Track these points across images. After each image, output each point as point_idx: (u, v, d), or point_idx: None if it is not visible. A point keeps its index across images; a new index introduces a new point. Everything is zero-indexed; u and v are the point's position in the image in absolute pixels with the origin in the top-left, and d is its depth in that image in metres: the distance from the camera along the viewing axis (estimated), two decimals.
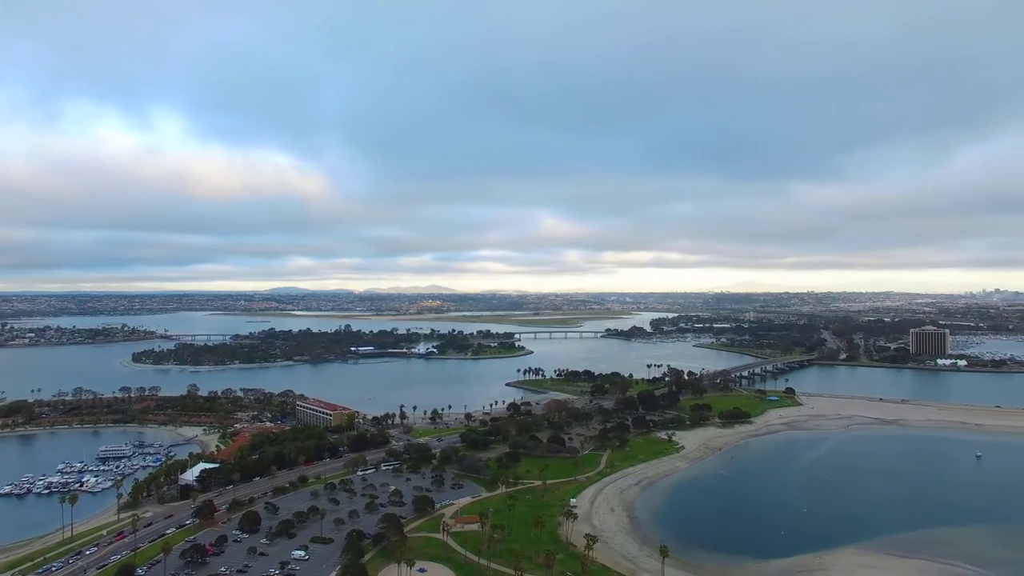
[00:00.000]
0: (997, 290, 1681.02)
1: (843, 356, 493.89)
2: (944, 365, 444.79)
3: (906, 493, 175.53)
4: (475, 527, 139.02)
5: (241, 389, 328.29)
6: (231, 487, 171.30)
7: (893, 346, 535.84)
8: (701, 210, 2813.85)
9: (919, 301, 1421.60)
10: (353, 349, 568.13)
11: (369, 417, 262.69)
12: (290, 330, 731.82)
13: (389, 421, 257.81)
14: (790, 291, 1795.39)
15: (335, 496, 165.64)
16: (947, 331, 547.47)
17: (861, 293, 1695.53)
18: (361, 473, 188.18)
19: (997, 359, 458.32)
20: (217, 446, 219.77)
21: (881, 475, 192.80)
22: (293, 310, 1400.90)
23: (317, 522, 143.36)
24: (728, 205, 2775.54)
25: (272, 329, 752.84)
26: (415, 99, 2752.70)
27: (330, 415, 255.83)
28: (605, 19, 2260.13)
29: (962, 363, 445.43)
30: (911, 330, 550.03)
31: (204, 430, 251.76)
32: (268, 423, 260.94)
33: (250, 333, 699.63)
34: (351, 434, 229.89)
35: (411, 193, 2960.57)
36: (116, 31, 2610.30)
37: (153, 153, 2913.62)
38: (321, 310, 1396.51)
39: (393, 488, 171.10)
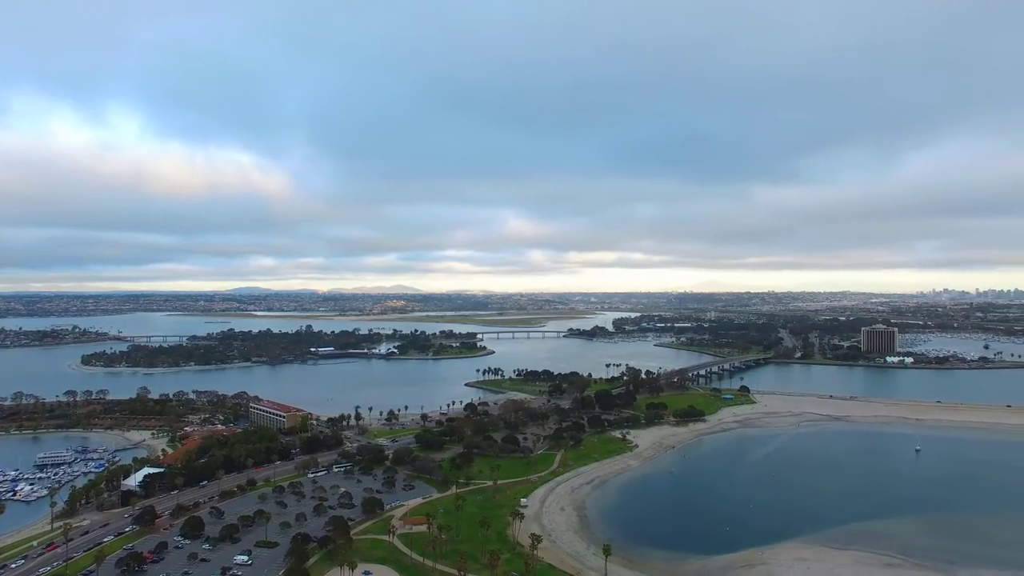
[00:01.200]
0: (945, 290, 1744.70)
1: (798, 354, 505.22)
2: (893, 362, 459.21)
3: (848, 487, 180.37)
4: (423, 528, 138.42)
5: (194, 391, 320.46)
6: (176, 492, 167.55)
7: (846, 344, 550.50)
8: (664, 211, 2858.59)
9: (874, 301, 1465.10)
10: (313, 350, 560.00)
11: (324, 419, 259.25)
12: (250, 331, 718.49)
13: (344, 422, 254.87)
14: (751, 291, 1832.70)
15: (283, 499, 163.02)
16: (896, 329, 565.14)
17: (819, 293, 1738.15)
18: (312, 475, 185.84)
19: (941, 356, 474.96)
20: (163, 450, 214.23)
21: (826, 470, 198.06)
22: (254, 310, 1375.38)
23: (263, 526, 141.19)
24: (690, 206, 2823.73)
25: (231, 330, 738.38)
26: (379, 98, 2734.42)
27: (283, 417, 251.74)
28: (567, 21, 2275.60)
29: (909, 360, 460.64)
30: (863, 329, 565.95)
31: (153, 434, 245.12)
32: (220, 426, 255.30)
33: (208, 334, 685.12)
34: (304, 436, 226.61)
35: (376, 193, 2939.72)
36: (67, 23, 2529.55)
37: (109, 150, 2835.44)
38: (283, 310, 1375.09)
39: (343, 490, 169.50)
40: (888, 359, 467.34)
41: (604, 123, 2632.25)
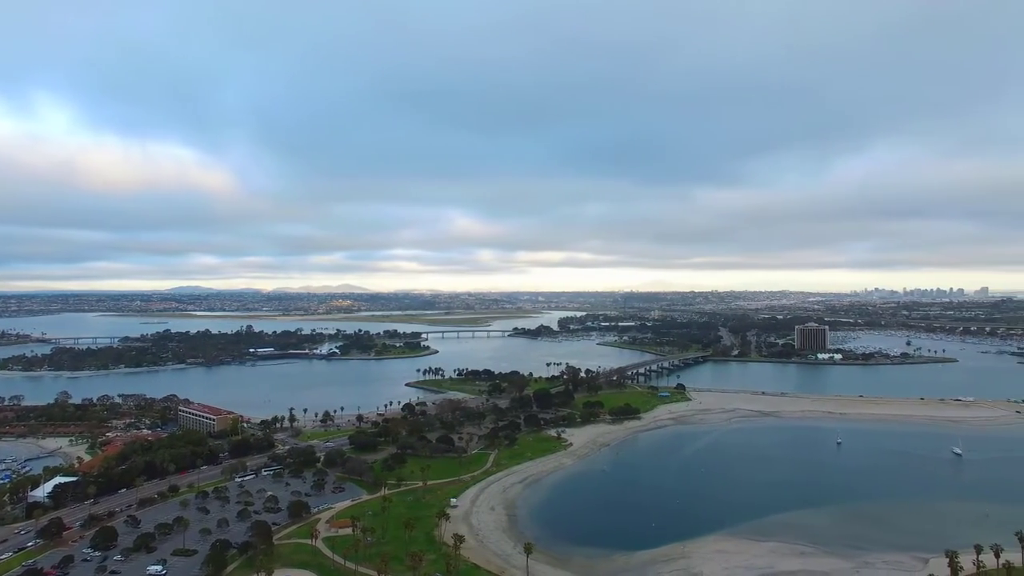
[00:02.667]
0: (876, 289, 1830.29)
1: (736, 352, 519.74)
2: (823, 359, 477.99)
3: (772, 480, 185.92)
4: (350, 531, 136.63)
5: (119, 395, 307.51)
6: (90, 502, 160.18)
7: (781, 342, 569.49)
8: (610, 211, 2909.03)
9: (811, 300, 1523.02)
10: (252, 351, 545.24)
11: (257, 421, 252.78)
12: (187, 331, 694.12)
13: (277, 425, 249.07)
14: (696, 290, 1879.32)
15: (206, 505, 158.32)
16: (827, 328, 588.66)
17: (760, 292, 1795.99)
18: (239, 480, 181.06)
19: (867, 353, 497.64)
20: (79, 458, 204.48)
21: (753, 464, 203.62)
22: (194, 310, 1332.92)
23: (181, 534, 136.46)
24: (636, 207, 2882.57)
25: (168, 331, 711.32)
26: (324, 95, 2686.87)
27: (213, 420, 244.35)
28: (516, 22, 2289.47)
29: (838, 357, 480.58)
30: (796, 327, 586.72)
31: (71, 441, 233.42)
32: (146, 431, 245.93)
33: (142, 335, 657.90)
34: (234, 439, 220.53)
35: (321, 191, 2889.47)
36: None
37: (37, 141, 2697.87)
38: (225, 310, 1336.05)
39: (270, 494, 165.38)
40: (819, 356, 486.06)
41: (552, 124, 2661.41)
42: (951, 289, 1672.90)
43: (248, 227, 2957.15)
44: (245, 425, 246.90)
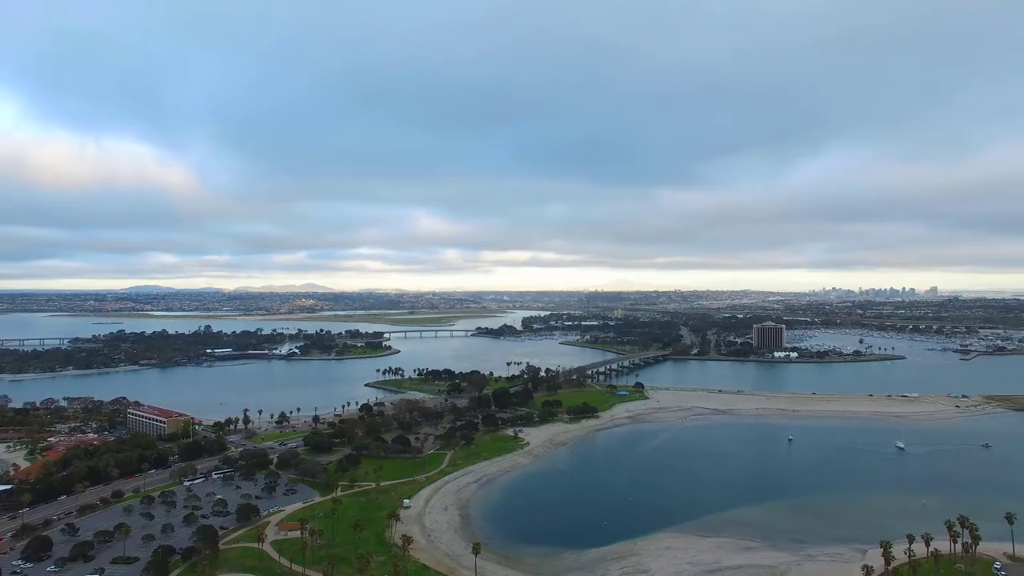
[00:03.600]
0: (834, 289, 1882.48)
1: (695, 351, 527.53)
2: (779, 357, 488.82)
3: (724, 477, 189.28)
4: (298, 534, 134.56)
5: (65, 398, 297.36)
6: (25, 511, 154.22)
7: (740, 341, 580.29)
8: (574, 211, 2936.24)
9: (771, 299, 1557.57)
10: (209, 351, 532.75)
11: (210, 423, 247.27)
12: (143, 332, 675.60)
13: (231, 427, 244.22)
14: (659, 290, 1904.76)
15: (151, 510, 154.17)
16: (784, 327, 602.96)
17: (722, 292, 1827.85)
18: (188, 483, 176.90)
19: (821, 351, 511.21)
20: (14, 465, 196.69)
21: (706, 462, 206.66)
22: (151, 310, 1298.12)
23: (122, 541, 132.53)
24: (600, 207, 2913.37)
25: (122, 331, 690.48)
26: (285, 93, 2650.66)
27: (163, 423, 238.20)
28: (478, 21, 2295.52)
29: (794, 355, 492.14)
30: (754, 326, 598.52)
31: (8, 447, 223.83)
32: (92, 435, 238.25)
33: (94, 336, 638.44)
34: (185, 442, 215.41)
35: (284, 189, 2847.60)
36: None
37: None
38: (184, 310, 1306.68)
39: (219, 497, 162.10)
40: (776, 354, 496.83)
41: (515, 123, 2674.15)
42: (903, 289, 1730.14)
43: (209, 225, 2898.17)
44: (197, 427, 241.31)
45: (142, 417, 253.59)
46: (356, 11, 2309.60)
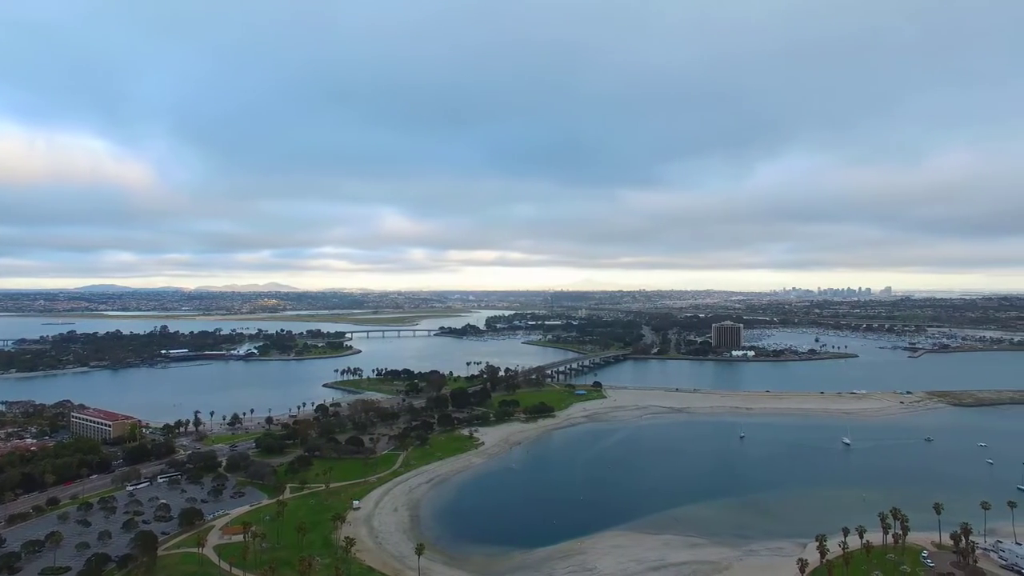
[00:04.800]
0: (794, 288, 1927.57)
1: (655, 350, 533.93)
2: (737, 356, 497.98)
3: (675, 475, 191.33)
4: (242, 538, 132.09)
5: (4, 402, 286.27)
6: None
7: (700, 340, 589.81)
8: (541, 211, 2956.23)
9: (734, 299, 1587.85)
10: (164, 352, 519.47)
11: (159, 426, 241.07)
12: (95, 333, 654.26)
13: (181, 429, 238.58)
14: (624, 289, 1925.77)
15: (88, 517, 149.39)
16: (742, 326, 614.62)
17: (686, 291, 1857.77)
18: (131, 488, 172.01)
19: (778, 350, 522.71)
20: None
21: (658, 460, 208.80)
22: (106, 310, 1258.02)
23: (54, 550, 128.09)
24: (566, 207, 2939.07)
25: (72, 331, 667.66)
26: (247, 89, 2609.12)
27: (109, 426, 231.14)
28: (443, 20, 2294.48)
29: (751, 354, 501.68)
30: (713, 325, 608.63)
31: None
32: (31, 440, 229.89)
33: (41, 337, 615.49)
34: (131, 446, 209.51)
35: (247, 187, 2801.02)
36: None
37: None
38: (141, 310, 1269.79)
39: (162, 502, 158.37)
40: (733, 353, 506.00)
41: (481, 124, 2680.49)
42: (860, 289, 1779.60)
43: (168, 223, 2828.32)
44: (145, 430, 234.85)
45: (87, 421, 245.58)
46: (319, 7, 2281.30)
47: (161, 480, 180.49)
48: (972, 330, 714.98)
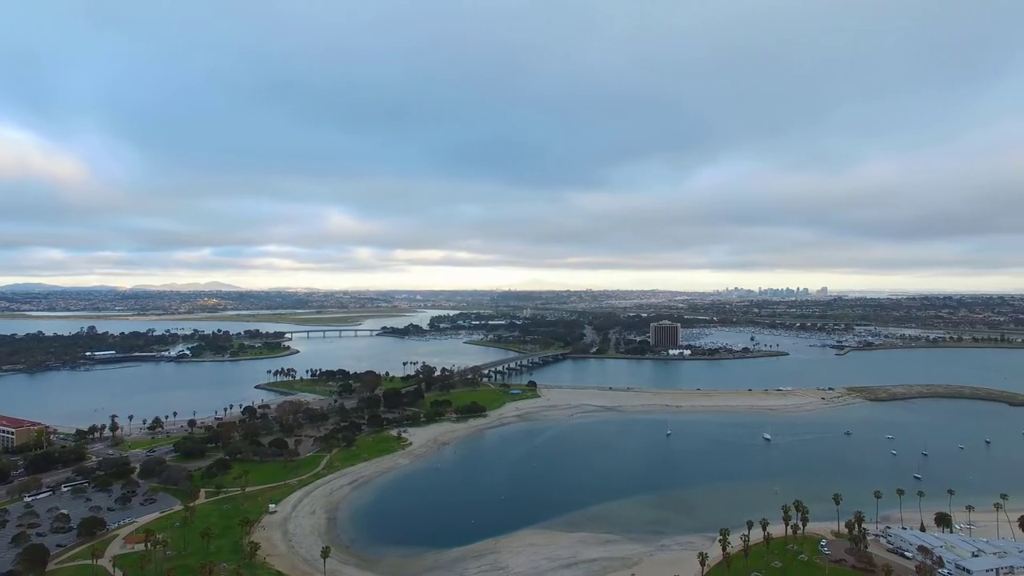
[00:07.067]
0: (736, 289, 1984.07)
1: (594, 349, 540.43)
2: (674, 355, 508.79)
3: (599, 472, 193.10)
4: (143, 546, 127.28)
5: None
6: None
7: (639, 339, 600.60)
8: (487, 212, 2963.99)
9: (678, 298, 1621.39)
10: (88, 354, 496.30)
11: (73, 431, 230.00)
12: (13, 334, 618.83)
13: (96, 434, 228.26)
14: (571, 289, 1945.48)
15: None
16: (679, 325, 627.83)
17: (632, 291, 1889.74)
18: (29, 499, 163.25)
19: (713, 348, 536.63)
20: None
21: (585, 458, 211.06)
22: (29, 310, 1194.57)
23: None
24: (512, 208, 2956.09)
25: None
26: (185, 82, 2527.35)
27: (12, 433, 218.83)
28: (385, 16, 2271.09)
29: (687, 352, 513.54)
30: (652, 324, 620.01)
31: None
32: None
33: None
34: (35, 453, 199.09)
35: (185, 183, 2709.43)
36: None
37: None
38: (70, 310, 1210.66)
39: (61, 512, 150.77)
40: (671, 352, 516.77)
41: (423, 123, 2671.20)
42: (798, 289, 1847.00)
43: (102, 220, 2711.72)
44: (55, 437, 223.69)
45: None
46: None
47: (65, 489, 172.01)
48: (895, 328, 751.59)
